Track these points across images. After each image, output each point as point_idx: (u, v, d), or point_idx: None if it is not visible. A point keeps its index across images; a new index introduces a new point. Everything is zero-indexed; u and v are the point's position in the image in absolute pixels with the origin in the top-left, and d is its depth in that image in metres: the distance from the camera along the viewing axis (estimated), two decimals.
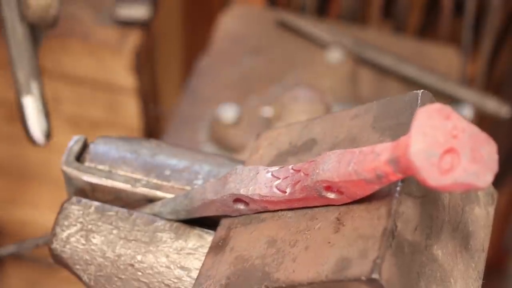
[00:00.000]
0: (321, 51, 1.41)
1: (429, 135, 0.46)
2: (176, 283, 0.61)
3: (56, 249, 0.62)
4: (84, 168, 0.65)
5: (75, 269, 0.62)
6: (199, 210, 0.61)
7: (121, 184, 0.64)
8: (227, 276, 0.56)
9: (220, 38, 1.45)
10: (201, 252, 0.61)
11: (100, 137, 0.68)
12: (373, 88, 1.37)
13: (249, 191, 0.57)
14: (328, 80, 1.37)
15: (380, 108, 0.57)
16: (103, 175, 0.65)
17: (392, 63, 1.37)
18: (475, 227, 0.56)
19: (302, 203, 0.55)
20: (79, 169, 0.65)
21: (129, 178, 0.65)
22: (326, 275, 0.49)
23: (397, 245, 0.49)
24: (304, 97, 1.17)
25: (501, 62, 1.59)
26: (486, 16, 1.45)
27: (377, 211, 0.50)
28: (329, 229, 0.52)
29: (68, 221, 0.63)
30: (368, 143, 0.55)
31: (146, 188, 0.64)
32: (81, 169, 0.65)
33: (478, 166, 0.47)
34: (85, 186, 0.65)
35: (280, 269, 0.53)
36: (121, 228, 0.62)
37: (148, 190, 0.64)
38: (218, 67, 1.39)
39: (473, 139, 0.47)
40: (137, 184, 0.64)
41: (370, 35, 1.46)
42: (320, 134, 0.60)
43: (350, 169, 0.50)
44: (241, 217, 0.59)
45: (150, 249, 0.62)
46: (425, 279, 0.51)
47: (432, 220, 0.52)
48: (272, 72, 1.38)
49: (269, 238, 0.56)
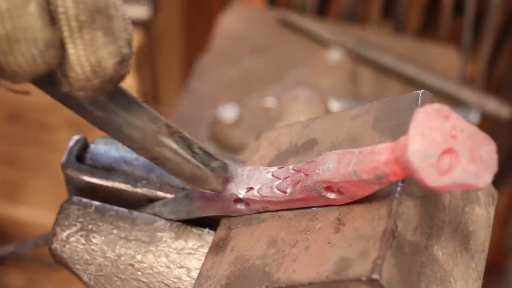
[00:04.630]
0: (321, 50, 1.41)
1: (427, 136, 0.46)
2: (176, 283, 0.61)
3: (56, 249, 0.62)
4: (84, 168, 0.65)
5: (75, 269, 0.62)
6: (199, 210, 0.61)
7: (121, 184, 0.64)
8: (227, 276, 0.56)
9: (220, 38, 1.45)
10: (201, 252, 0.61)
11: (100, 137, 0.68)
12: (373, 87, 1.37)
13: (249, 192, 0.57)
14: (328, 79, 1.37)
15: (381, 108, 0.57)
16: (103, 175, 0.65)
17: (392, 63, 1.37)
18: (476, 228, 0.56)
19: (302, 203, 0.55)
20: (79, 169, 0.65)
21: (129, 178, 0.65)
22: (326, 276, 0.49)
23: (398, 245, 0.49)
24: (304, 97, 1.17)
25: (501, 62, 1.59)
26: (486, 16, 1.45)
27: (377, 212, 0.50)
28: (329, 230, 0.52)
29: (68, 221, 0.63)
30: (368, 143, 0.55)
31: (146, 188, 0.64)
32: (81, 169, 0.65)
33: (477, 166, 0.47)
34: (85, 186, 0.65)
35: (280, 269, 0.53)
36: (121, 228, 0.62)
37: (148, 190, 0.64)
38: (218, 67, 1.39)
39: (472, 139, 0.47)
40: (137, 184, 0.64)
41: (370, 35, 1.46)
42: (321, 134, 0.60)
43: (350, 170, 0.50)
44: (242, 217, 0.59)
45: (150, 249, 0.62)
46: (425, 279, 0.51)
47: (432, 221, 0.52)
48: (272, 71, 1.38)
49: (270, 238, 0.56)
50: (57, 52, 0.47)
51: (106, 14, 0.48)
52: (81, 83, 0.49)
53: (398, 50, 1.41)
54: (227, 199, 0.58)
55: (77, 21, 0.47)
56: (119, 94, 0.53)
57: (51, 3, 0.47)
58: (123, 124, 0.53)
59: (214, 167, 0.56)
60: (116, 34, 0.49)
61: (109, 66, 0.48)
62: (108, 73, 0.48)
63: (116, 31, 0.49)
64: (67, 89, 0.49)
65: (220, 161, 0.56)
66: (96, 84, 0.49)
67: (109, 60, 0.48)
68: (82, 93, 0.49)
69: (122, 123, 0.53)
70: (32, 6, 0.45)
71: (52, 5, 0.47)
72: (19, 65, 0.46)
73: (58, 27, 0.47)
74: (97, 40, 0.48)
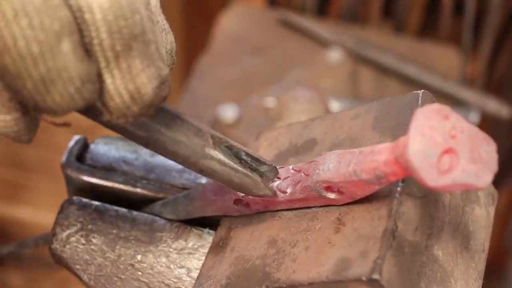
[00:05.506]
0: (321, 50, 1.41)
1: (427, 136, 0.46)
2: (176, 283, 0.61)
3: (56, 249, 0.62)
4: (84, 168, 0.65)
5: (75, 269, 0.62)
6: (199, 210, 0.61)
7: (121, 184, 0.64)
8: (227, 276, 0.56)
9: (220, 38, 1.45)
10: (201, 252, 0.61)
11: (100, 137, 0.68)
12: (373, 87, 1.37)
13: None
14: (328, 79, 1.37)
15: (381, 108, 0.57)
16: (103, 175, 0.65)
17: (392, 63, 1.37)
18: (476, 228, 0.56)
19: (302, 203, 0.55)
20: (79, 169, 0.65)
21: (129, 178, 0.65)
22: (326, 276, 0.49)
23: (398, 245, 0.49)
24: (304, 97, 1.17)
25: (501, 62, 1.58)
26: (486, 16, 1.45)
27: (377, 212, 0.50)
28: (329, 230, 0.52)
29: (68, 221, 0.63)
30: (368, 143, 0.55)
31: (146, 188, 0.64)
32: (81, 169, 0.65)
33: (477, 166, 0.47)
34: (85, 186, 0.65)
35: (280, 269, 0.53)
36: (121, 228, 0.62)
37: (148, 190, 0.64)
38: (218, 67, 1.39)
39: (472, 139, 0.47)
40: (137, 184, 0.64)
41: (370, 35, 1.45)
42: (321, 134, 0.60)
43: (350, 170, 0.50)
44: (242, 217, 0.59)
45: (150, 249, 0.62)
46: (425, 279, 0.51)
47: (432, 221, 0.52)
48: (272, 72, 1.38)
49: (270, 238, 0.56)
50: (95, 85, 0.46)
51: (142, 40, 0.46)
52: (121, 111, 0.48)
53: (398, 50, 1.41)
54: (227, 199, 0.58)
55: (112, 52, 0.46)
56: (161, 112, 0.52)
57: (86, 36, 0.45)
58: (167, 142, 0.52)
59: (263, 172, 0.56)
60: (154, 56, 0.48)
61: (148, 91, 0.47)
62: (147, 99, 0.47)
63: (154, 53, 0.48)
64: (107, 118, 0.48)
65: (268, 165, 0.56)
66: (136, 111, 0.48)
67: (148, 85, 0.47)
68: (122, 120, 0.48)
69: (166, 140, 0.52)
70: (65, 45, 0.44)
71: (87, 37, 0.45)
72: (57, 103, 0.45)
73: (95, 58, 0.46)
74: (134, 67, 0.47)
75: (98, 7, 0.45)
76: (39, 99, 0.45)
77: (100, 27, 0.45)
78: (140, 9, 0.46)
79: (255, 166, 0.56)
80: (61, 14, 0.43)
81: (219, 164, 0.54)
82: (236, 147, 0.55)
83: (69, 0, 0.44)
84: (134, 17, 0.46)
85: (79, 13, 0.45)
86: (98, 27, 0.45)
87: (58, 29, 0.43)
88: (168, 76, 0.49)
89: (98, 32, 0.45)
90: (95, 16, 0.45)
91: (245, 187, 0.55)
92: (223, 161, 0.54)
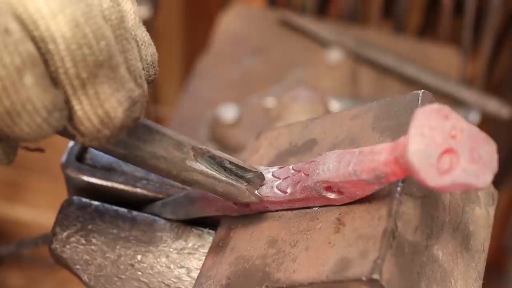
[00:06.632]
0: (321, 51, 1.41)
1: (427, 136, 0.46)
2: (176, 283, 0.61)
3: (56, 249, 0.62)
4: (84, 168, 0.65)
5: (75, 269, 0.62)
6: (199, 210, 0.61)
7: (121, 184, 0.64)
8: (227, 276, 0.56)
9: (220, 38, 1.45)
10: (201, 252, 0.61)
11: None
12: (373, 87, 1.37)
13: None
14: (328, 79, 1.37)
15: (380, 108, 0.57)
16: (103, 175, 0.65)
17: (392, 62, 1.37)
18: (476, 227, 0.56)
19: (302, 203, 0.55)
20: (79, 169, 0.65)
21: (129, 178, 0.65)
22: (326, 275, 0.49)
23: (398, 245, 0.49)
24: (304, 97, 1.17)
25: (501, 62, 1.58)
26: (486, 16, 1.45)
27: (377, 212, 0.50)
28: (329, 229, 0.52)
29: (68, 221, 0.63)
30: (368, 143, 0.55)
31: (146, 188, 0.64)
32: (81, 169, 0.65)
33: (477, 166, 0.46)
34: (85, 186, 0.65)
35: (280, 269, 0.53)
36: (121, 228, 0.62)
37: (148, 190, 0.64)
38: (218, 67, 1.39)
39: (472, 139, 0.47)
40: (137, 184, 0.64)
41: (370, 35, 1.45)
42: (320, 134, 0.60)
43: (350, 170, 0.50)
44: (242, 217, 0.59)
45: (150, 249, 0.62)
46: (425, 279, 0.51)
47: (432, 221, 0.52)
48: (272, 72, 1.38)
49: (270, 238, 0.56)
50: (62, 113, 0.46)
51: (109, 66, 0.46)
52: (92, 135, 0.48)
53: (398, 50, 1.41)
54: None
55: (79, 79, 0.46)
56: (139, 128, 0.52)
57: (51, 65, 0.45)
58: (147, 157, 0.52)
59: (249, 178, 0.56)
60: (124, 79, 0.48)
61: (118, 115, 0.48)
62: (118, 122, 0.48)
63: (124, 75, 0.48)
64: (81, 140, 0.49)
65: (254, 172, 0.56)
66: (108, 134, 0.48)
67: (118, 109, 0.47)
68: (96, 143, 0.49)
69: (145, 156, 0.52)
70: (27, 78, 0.44)
71: (52, 67, 0.45)
72: (26, 133, 0.46)
73: (61, 86, 0.46)
74: (102, 92, 0.47)
75: (60, 36, 0.45)
76: (8, 130, 0.45)
77: (64, 56, 0.45)
78: (105, 35, 0.46)
79: (241, 174, 0.56)
80: (22, 48, 0.44)
81: (202, 175, 0.54)
82: (219, 156, 0.55)
83: (32, 31, 0.44)
84: (99, 44, 0.46)
85: (43, 44, 0.45)
86: (62, 57, 0.45)
87: (19, 64, 0.44)
88: (140, 95, 0.49)
89: (62, 62, 0.45)
90: (58, 46, 0.45)
91: (230, 195, 0.56)
92: (205, 172, 0.54)
